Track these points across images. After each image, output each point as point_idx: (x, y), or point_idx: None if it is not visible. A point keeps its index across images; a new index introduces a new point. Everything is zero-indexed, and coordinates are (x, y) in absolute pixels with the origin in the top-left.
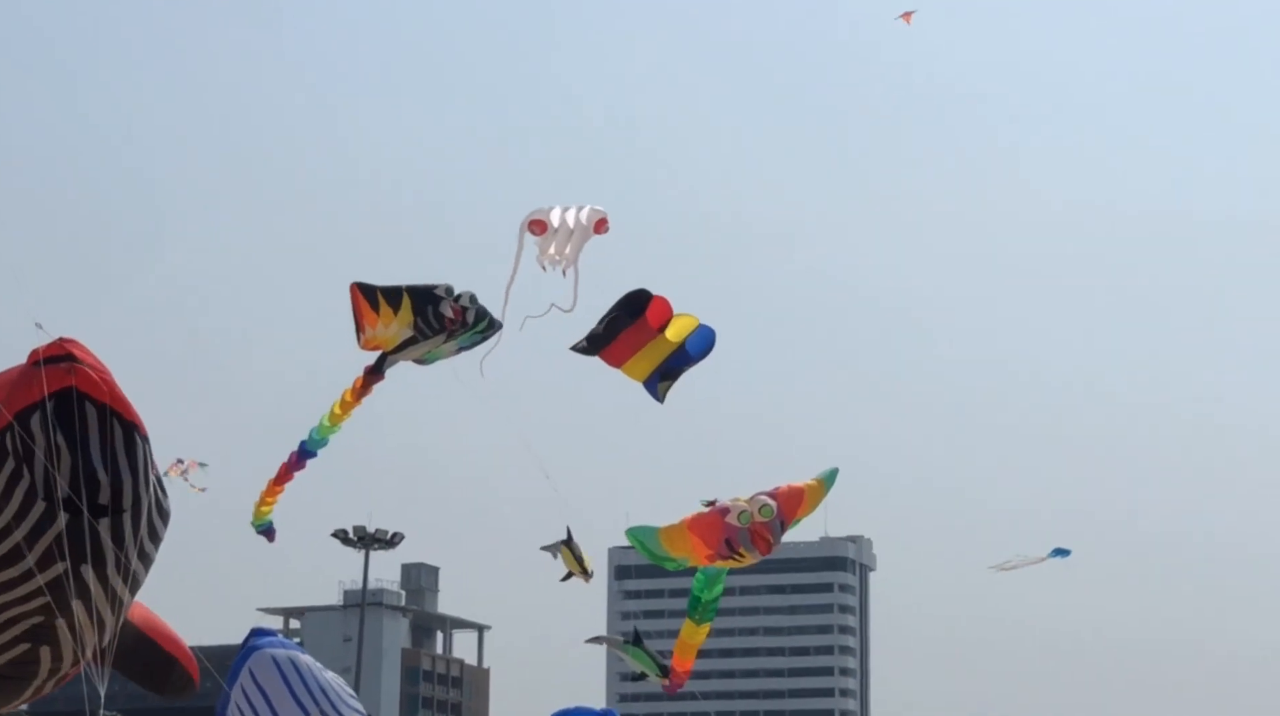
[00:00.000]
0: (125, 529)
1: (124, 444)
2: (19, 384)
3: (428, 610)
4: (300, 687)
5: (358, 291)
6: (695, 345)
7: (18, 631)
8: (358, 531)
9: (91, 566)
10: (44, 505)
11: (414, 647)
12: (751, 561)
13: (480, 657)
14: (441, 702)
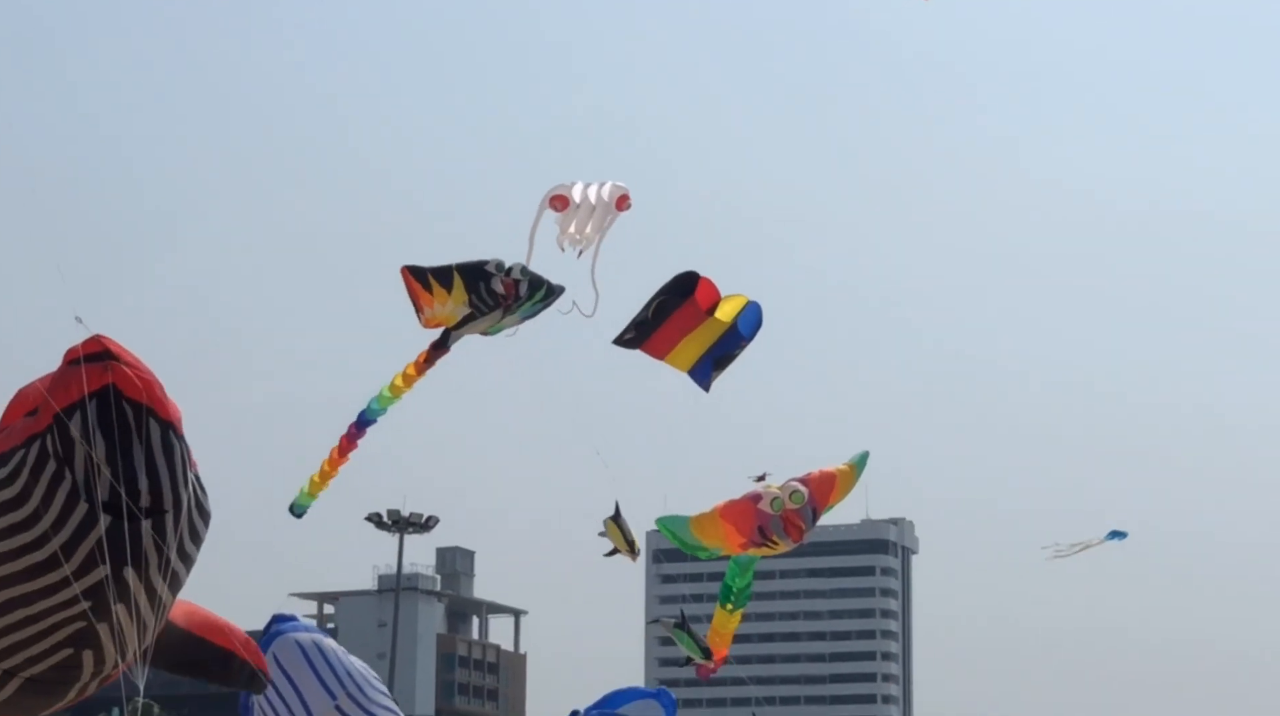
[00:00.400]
0: (167, 529)
1: (161, 443)
2: (57, 384)
3: (463, 595)
4: (326, 670)
5: (408, 274)
6: (746, 324)
7: (60, 637)
8: (392, 515)
9: (134, 568)
10: (85, 507)
11: (449, 633)
12: (784, 549)
13: (517, 643)
14: (478, 688)
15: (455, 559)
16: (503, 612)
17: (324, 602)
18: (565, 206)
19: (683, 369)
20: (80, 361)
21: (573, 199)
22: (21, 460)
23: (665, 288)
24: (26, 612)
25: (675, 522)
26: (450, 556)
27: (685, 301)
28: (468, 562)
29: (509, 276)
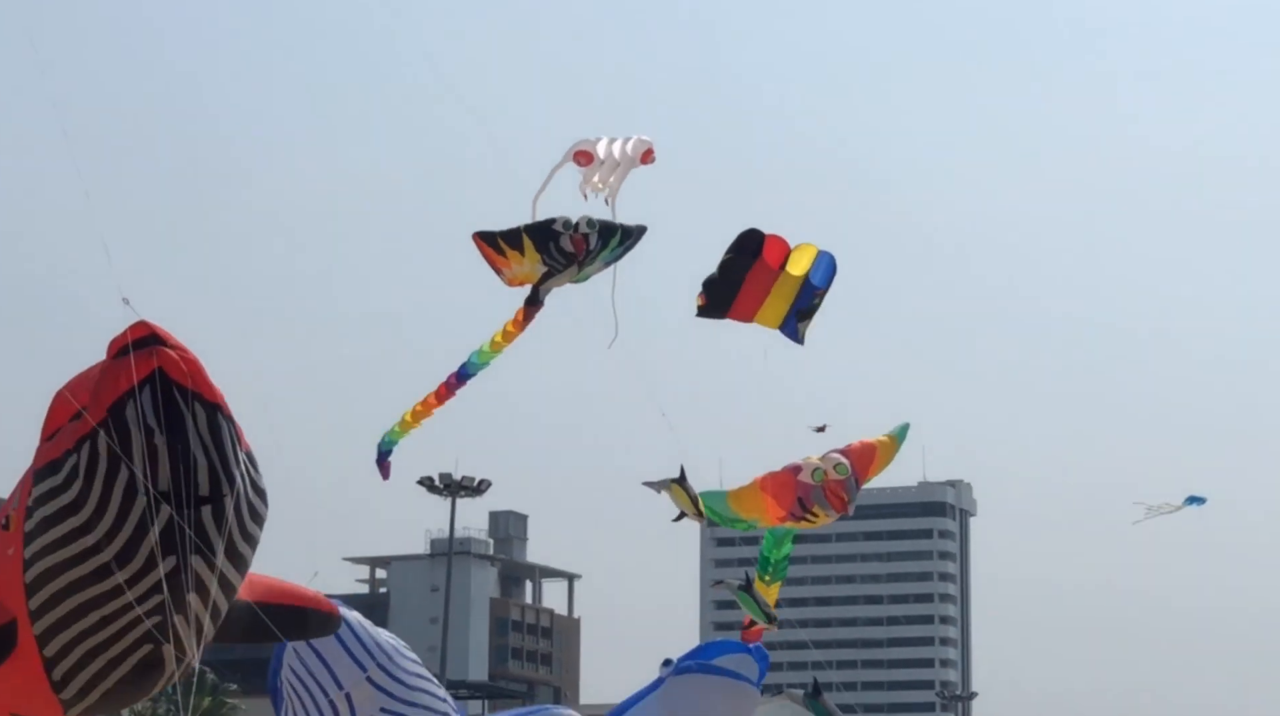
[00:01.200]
0: (227, 513)
1: (209, 426)
2: (105, 378)
3: (516, 559)
4: (354, 643)
5: (479, 240)
6: (820, 275)
7: (138, 634)
8: (444, 478)
9: (199, 557)
10: (144, 500)
11: (502, 597)
12: (825, 522)
13: (570, 607)
14: (531, 653)
15: (508, 522)
16: (556, 576)
17: (376, 567)
18: (589, 162)
19: (773, 325)
20: (127, 350)
21: (597, 155)
22: (75, 464)
23: (732, 246)
24: (102, 614)
25: (712, 497)
26: (503, 520)
27: (755, 261)
28: (520, 526)
29: (577, 232)
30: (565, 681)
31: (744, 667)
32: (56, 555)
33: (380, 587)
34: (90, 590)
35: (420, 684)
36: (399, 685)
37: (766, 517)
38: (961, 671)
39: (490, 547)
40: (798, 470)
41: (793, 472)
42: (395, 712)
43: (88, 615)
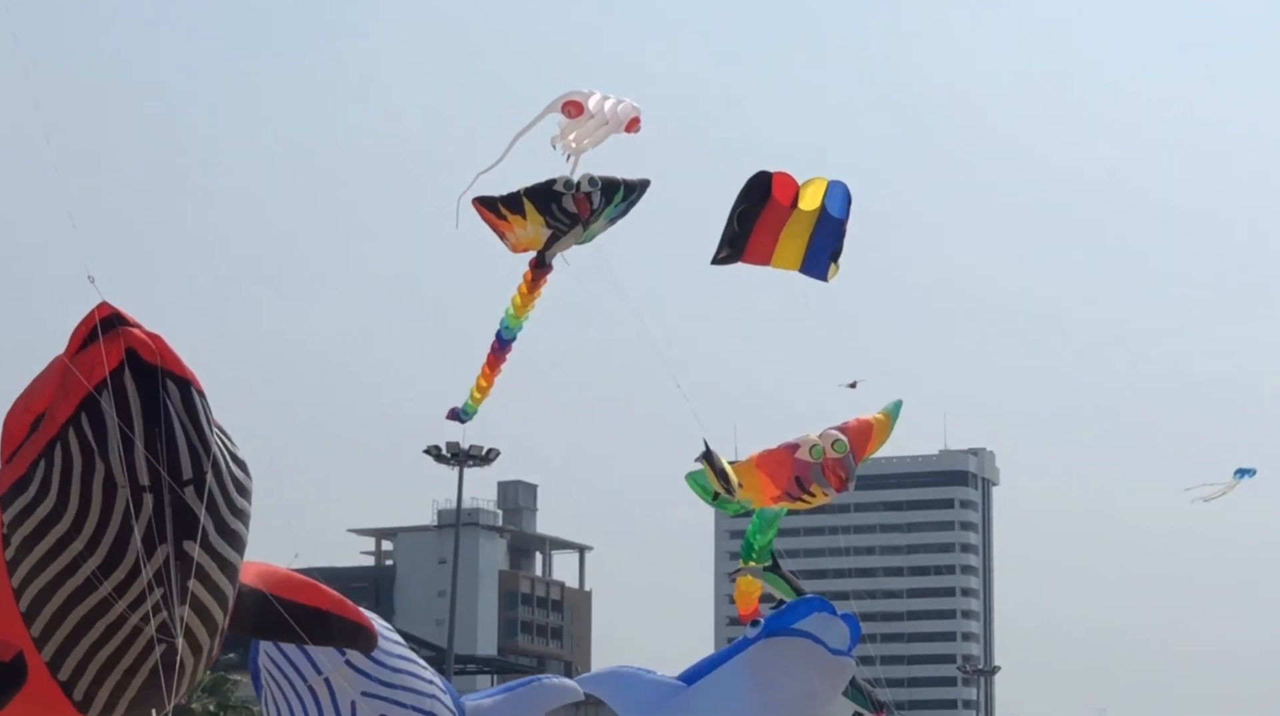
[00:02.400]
0: (213, 492)
1: (183, 404)
2: (77, 369)
3: (525, 530)
4: None
5: (479, 206)
6: (835, 207)
7: (148, 635)
8: (451, 448)
9: (192, 540)
10: (126, 491)
11: (512, 569)
12: (821, 501)
13: (581, 579)
14: (541, 627)
15: (517, 493)
16: (567, 548)
17: (382, 539)
18: (579, 113)
19: (793, 267)
20: (95, 334)
21: (588, 108)
22: (46, 473)
23: (742, 195)
24: (106, 622)
25: (704, 477)
26: (512, 490)
27: (766, 203)
28: (530, 497)
29: (579, 192)
30: (576, 656)
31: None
32: (47, 572)
33: (386, 560)
34: (89, 600)
35: (403, 665)
36: (381, 667)
37: (761, 497)
38: (984, 644)
39: (499, 519)
40: (795, 448)
41: (790, 450)
42: (377, 696)
43: (93, 626)
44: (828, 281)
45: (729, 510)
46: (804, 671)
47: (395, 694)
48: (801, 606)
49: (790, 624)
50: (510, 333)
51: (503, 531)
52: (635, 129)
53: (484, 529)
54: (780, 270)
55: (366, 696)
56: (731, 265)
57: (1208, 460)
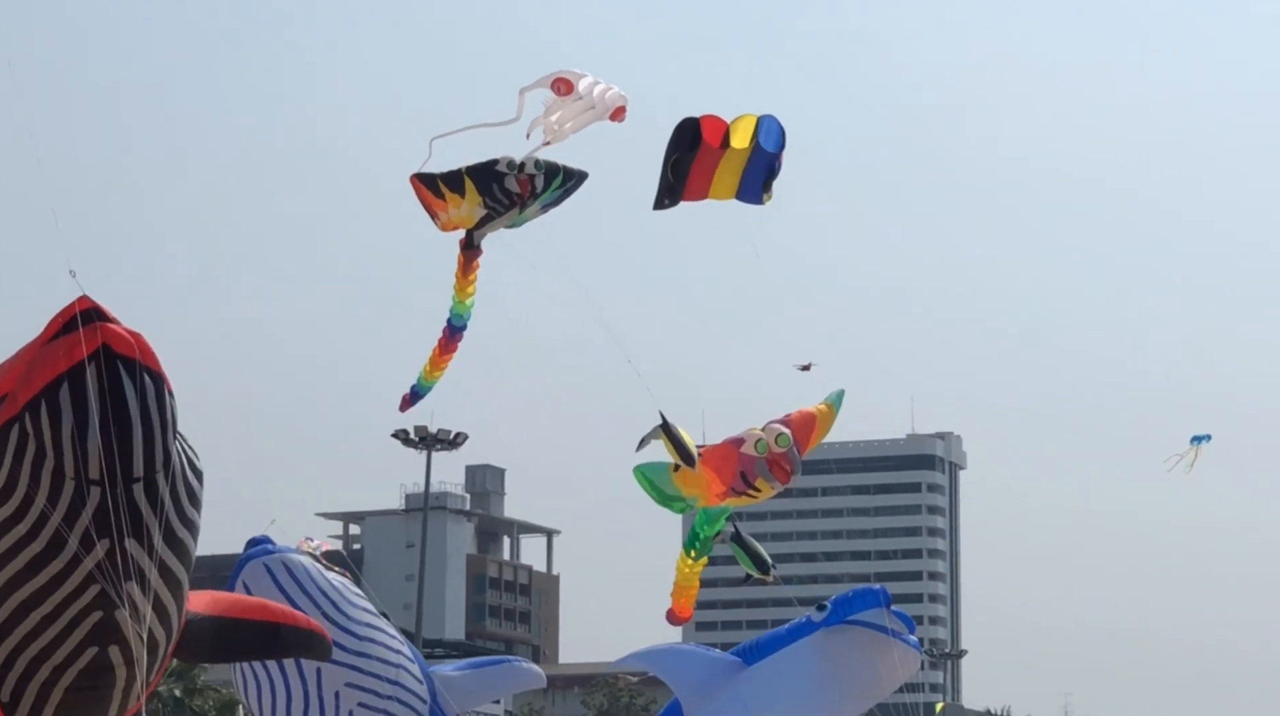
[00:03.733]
0: (162, 490)
1: (155, 401)
2: (41, 359)
3: (493, 514)
4: (297, 592)
5: (418, 182)
6: (768, 140)
7: (82, 634)
8: (419, 431)
9: (135, 538)
10: (74, 483)
11: (479, 553)
12: (767, 496)
13: (549, 563)
14: (509, 611)
15: (485, 477)
16: (535, 532)
17: (350, 523)
18: (568, 92)
19: (727, 197)
20: (72, 325)
21: (577, 89)
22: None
23: (672, 144)
24: (42, 613)
25: (654, 470)
26: (480, 474)
27: (699, 149)
28: (498, 481)
29: (522, 173)
30: (544, 639)
31: (894, 622)
32: None
33: (354, 544)
34: (27, 586)
35: (370, 633)
36: (348, 636)
37: (707, 494)
38: (951, 628)
39: (467, 502)
40: (740, 442)
41: (735, 445)
42: (344, 665)
43: (28, 616)
44: (763, 204)
45: (675, 508)
46: (870, 660)
47: (362, 661)
48: (867, 596)
49: (856, 612)
50: (460, 319)
51: (470, 515)
52: (620, 118)
53: (452, 513)
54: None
55: (333, 664)
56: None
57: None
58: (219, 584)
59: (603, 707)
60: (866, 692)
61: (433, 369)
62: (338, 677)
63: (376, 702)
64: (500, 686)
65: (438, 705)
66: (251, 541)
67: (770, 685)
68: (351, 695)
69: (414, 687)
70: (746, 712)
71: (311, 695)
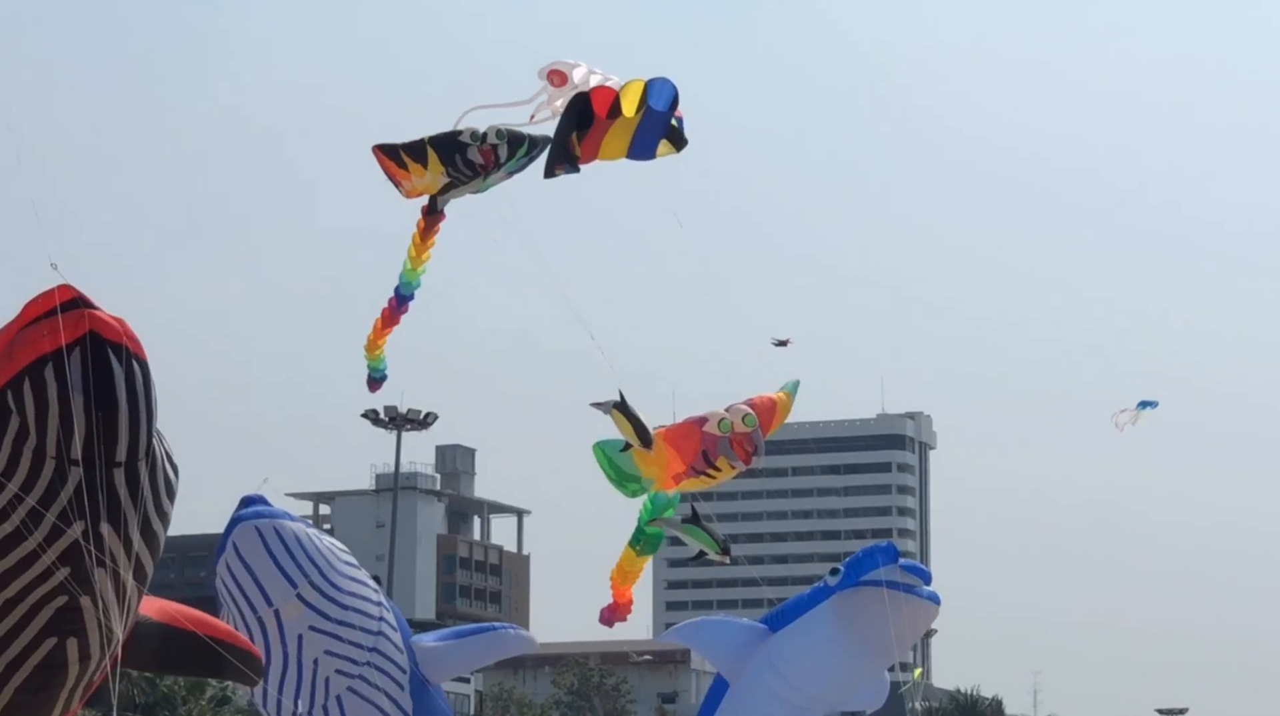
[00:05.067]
0: (142, 478)
1: (143, 387)
2: (23, 340)
3: (464, 494)
4: (285, 558)
5: (380, 153)
6: (659, 100)
7: (41, 622)
8: (389, 411)
9: (110, 524)
10: (54, 463)
11: (450, 533)
12: (726, 477)
13: (520, 543)
14: (480, 591)
15: (455, 457)
16: (505, 512)
17: (320, 503)
18: (563, 83)
19: (619, 156)
20: (53, 312)
21: (571, 79)
22: None
23: (564, 122)
24: (4, 596)
25: (613, 448)
26: (450, 454)
27: (592, 123)
28: (468, 461)
29: (485, 143)
30: (514, 619)
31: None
32: None
33: (325, 524)
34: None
35: (353, 601)
36: (331, 604)
37: (665, 474)
38: None
39: (437, 482)
40: (703, 422)
41: (697, 424)
42: (324, 632)
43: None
44: (654, 158)
45: (627, 491)
46: (886, 618)
47: (342, 630)
48: (876, 554)
49: (867, 572)
50: (408, 288)
51: (441, 495)
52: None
53: (422, 493)
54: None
55: (314, 631)
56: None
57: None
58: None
59: (573, 687)
60: (887, 649)
61: (372, 348)
62: (318, 645)
63: (353, 670)
64: (491, 653)
65: (418, 674)
66: (245, 500)
67: (795, 650)
68: (330, 662)
69: (393, 656)
70: (776, 677)
71: (291, 659)
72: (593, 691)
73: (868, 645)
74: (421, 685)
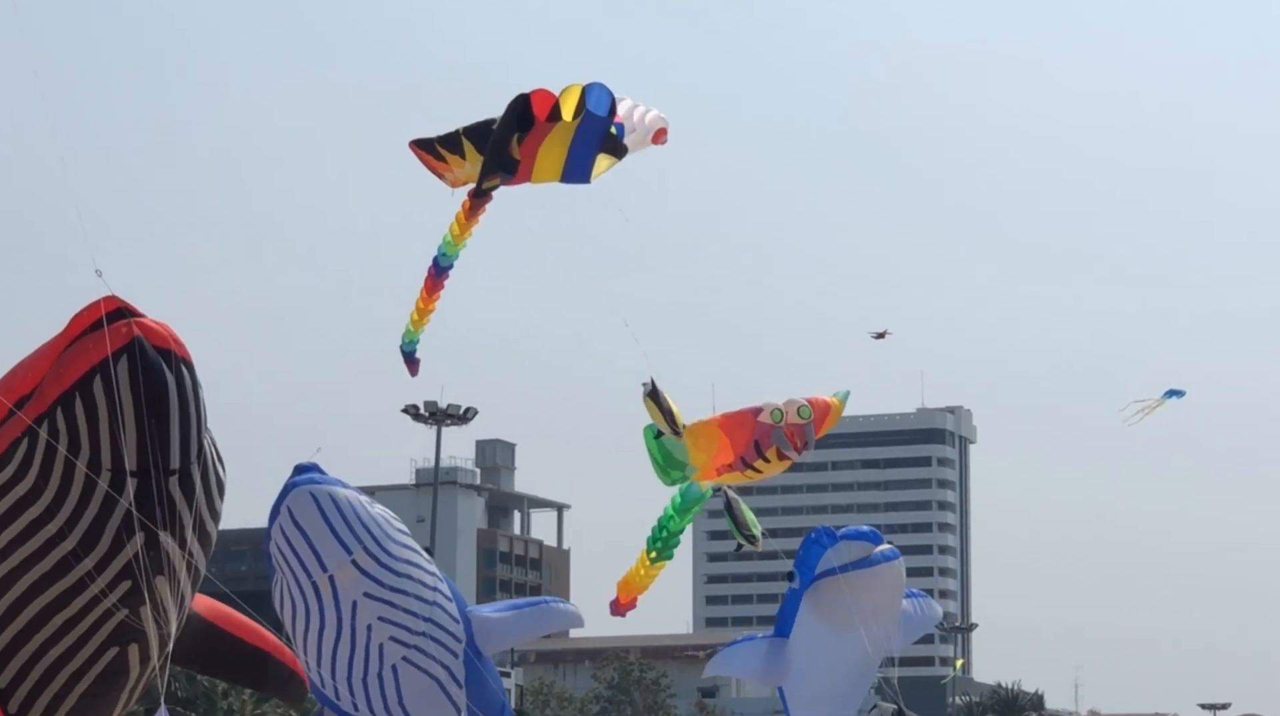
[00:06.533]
0: (195, 482)
1: (192, 392)
2: (72, 355)
3: (504, 489)
4: (340, 524)
5: (416, 148)
6: (597, 105)
7: (105, 635)
8: (429, 406)
9: (169, 531)
10: (109, 475)
11: (490, 528)
12: (769, 474)
13: (560, 538)
14: (520, 585)
15: (495, 451)
16: (545, 507)
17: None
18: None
19: (553, 179)
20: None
21: (618, 114)
22: (28, 450)
23: (503, 122)
24: (66, 616)
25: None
26: (490, 449)
27: (531, 127)
28: (508, 455)
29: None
30: None
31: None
32: (16, 555)
33: None
34: (53, 589)
35: (407, 568)
36: (386, 571)
37: (711, 463)
38: (961, 602)
39: (477, 477)
40: (758, 411)
41: (752, 413)
42: (379, 599)
43: (49, 621)
44: (590, 183)
45: (670, 479)
46: (858, 598)
47: (397, 597)
48: (812, 546)
49: (816, 566)
50: (447, 260)
51: (481, 490)
52: (661, 140)
53: (462, 487)
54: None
55: (369, 598)
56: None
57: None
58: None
59: (613, 681)
60: (880, 620)
61: (420, 317)
62: (372, 611)
63: (408, 638)
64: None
65: (474, 645)
66: (299, 467)
67: (803, 653)
68: (384, 629)
69: (449, 626)
70: (804, 679)
71: (345, 624)
72: (632, 685)
73: (858, 625)
74: (475, 656)
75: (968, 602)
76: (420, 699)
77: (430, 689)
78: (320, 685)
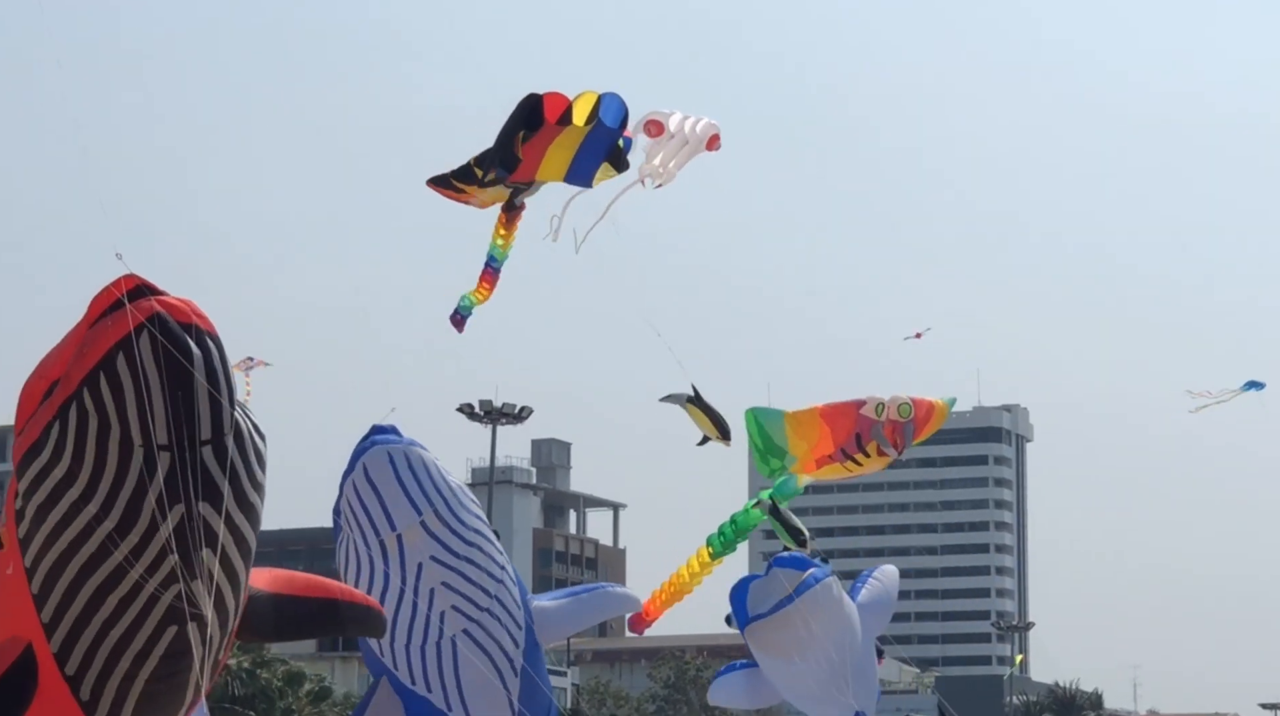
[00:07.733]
0: (230, 451)
1: (220, 362)
2: (94, 335)
3: (559, 488)
4: (413, 484)
5: (434, 186)
6: (609, 116)
7: (160, 612)
8: (484, 405)
9: (209, 502)
10: (142, 451)
11: (545, 527)
12: (868, 470)
13: (615, 537)
14: (575, 584)
15: (551, 451)
16: (601, 506)
17: None
18: (660, 133)
19: (556, 178)
20: (120, 303)
21: (668, 128)
22: (60, 433)
23: (512, 118)
24: (119, 595)
25: (768, 416)
26: (546, 448)
27: (540, 127)
28: (564, 454)
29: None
30: None
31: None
32: (61, 541)
33: None
34: (102, 569)
35: (477, 539)
36: (455, 538)
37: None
38: (1018, 601)
39: (533, 476)
40: (861, 404)
41: (855, 406)
42: (445, 564)
43: (104, 602)
44: (592, 187)
45: (768, 468)
46: (798, 630)
47: (465, 566)
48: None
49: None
50: (496, 263)
51: (536, 489)
52: (715, 147)
53: (518, 487)
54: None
55: (435, 561)
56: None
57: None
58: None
59: (669, 680)
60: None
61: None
62: (436, 575)
63: (472, 611)
64: (596, 612)
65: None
66: (376, 427)
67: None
68: (447, 596)
69: (511, 609)
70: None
71: (408, 585)
72: (689, 685)
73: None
74: (534, 646)
75: (1025, 602)
76: (476, 682)
77: (488, 672)
78: (378, 653)
